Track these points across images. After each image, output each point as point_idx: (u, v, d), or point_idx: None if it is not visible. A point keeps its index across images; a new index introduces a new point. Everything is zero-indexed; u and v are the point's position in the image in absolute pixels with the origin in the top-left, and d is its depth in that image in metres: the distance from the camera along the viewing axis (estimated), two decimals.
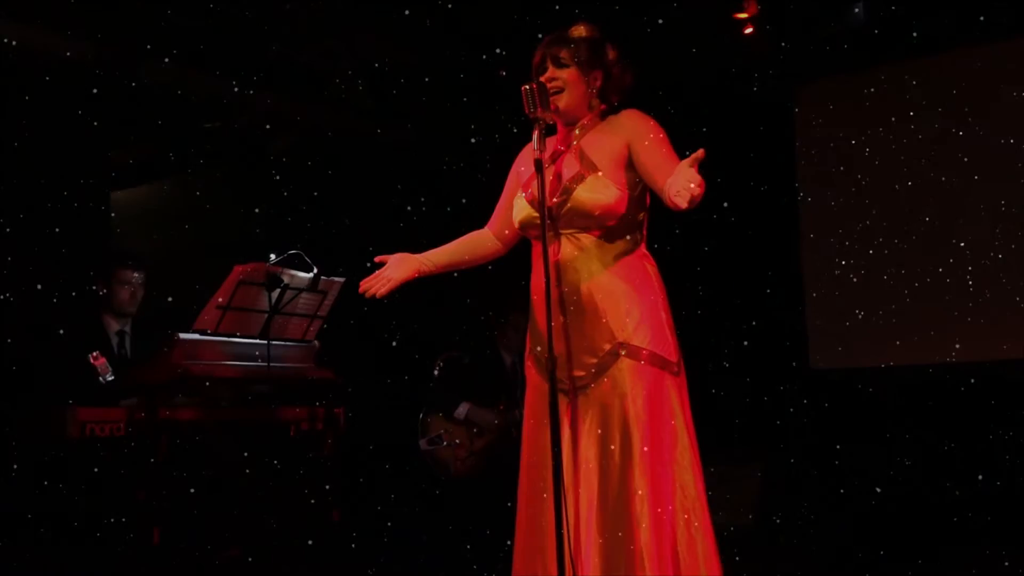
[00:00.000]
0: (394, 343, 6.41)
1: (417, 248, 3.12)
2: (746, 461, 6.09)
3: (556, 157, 2.90)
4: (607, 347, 2.74)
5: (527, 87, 2.75)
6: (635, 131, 2.82)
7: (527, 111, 2.76)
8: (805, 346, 6.58)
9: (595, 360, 2.76)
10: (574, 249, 2.80)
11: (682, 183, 2.43)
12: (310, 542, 4.43)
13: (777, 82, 6.47)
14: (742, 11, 5.68)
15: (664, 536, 2.64)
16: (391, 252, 3.06)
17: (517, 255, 3.13)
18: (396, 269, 3.00)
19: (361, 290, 3.01)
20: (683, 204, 2.44)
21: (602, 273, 2.78)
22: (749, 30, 5.81)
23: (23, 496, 3.87)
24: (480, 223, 3.19)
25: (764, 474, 6.13)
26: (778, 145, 6.63)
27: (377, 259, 3.03)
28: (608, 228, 2.79)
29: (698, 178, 2.44)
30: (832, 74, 6.48)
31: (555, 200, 2.80)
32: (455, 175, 6.75)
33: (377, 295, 2.98)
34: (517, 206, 2.93)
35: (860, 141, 6.29)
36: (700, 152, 2.49)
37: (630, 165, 2.81)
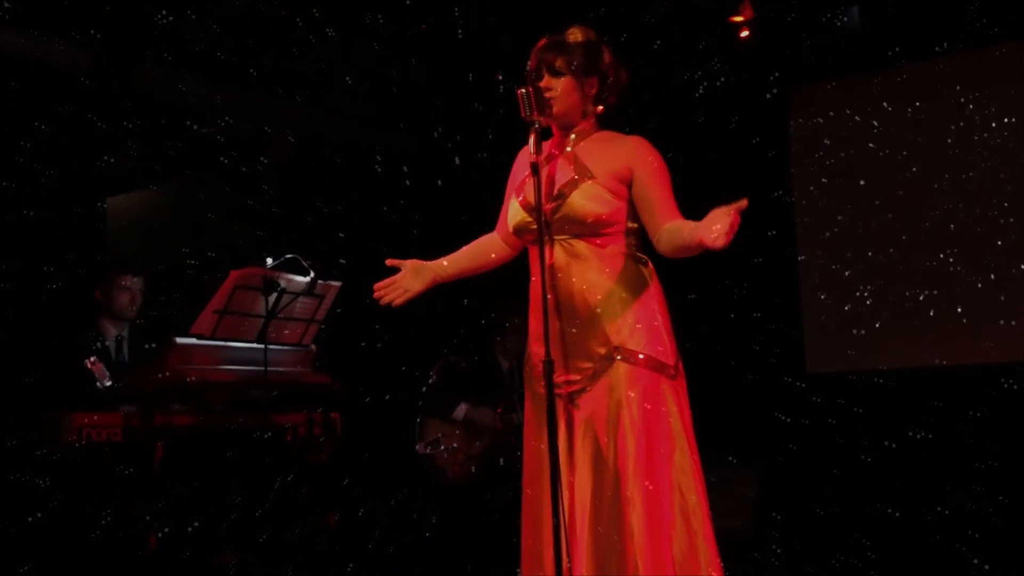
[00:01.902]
0: (387, 344, 6.41)
1: (417, 252, 3.12)
2: (743, 465, 6.09)
3: (550, 160, 2.89)
4: (602, 351, 2.74)
5: (523, 91, 2.75)
6: (642, 161, 2.81)
7: (523, 114, 2.76)
8: (802, 350, 6.59)
9: (591, 365, 2.75)
10: (567, 255, 2.80)
11: (719, 228, 2.47)
12: (307, 548, 4.42)
13: (772, 85, 6.49)
14: (737, 15, 5.70)
15: (660, 540, 2.63)
16: (386, 256, 3.05)
17: (517, 260, 3.13)
18: (414, 280, 2.99)
19: (376, 295, 2.99)
20: (719, 244, 2.47)
21: (597, 278, 2.77)
22: (744, 34, 5.83)
23: (19, 501, 3.86)
24: (477, 228, 3.19)
25: (761, 478, 6.14)
26: (773, 149, 6.64)
27: (389, 262, 3.01)
28: (601, 234, 2.79)
29: (732, 224, 2.47)
30: (827, 78, 6.49)
31: (549, 205, 2.79)
32: (451, 180, 6.74)
33: (393, 304, 2.97)
34: (511, 210, 2.94)
35: (855, 145, 6.31)
36: (744, 202, 2.50)
37: (629, 184, 2.80)
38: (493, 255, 3.12)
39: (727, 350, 6.31)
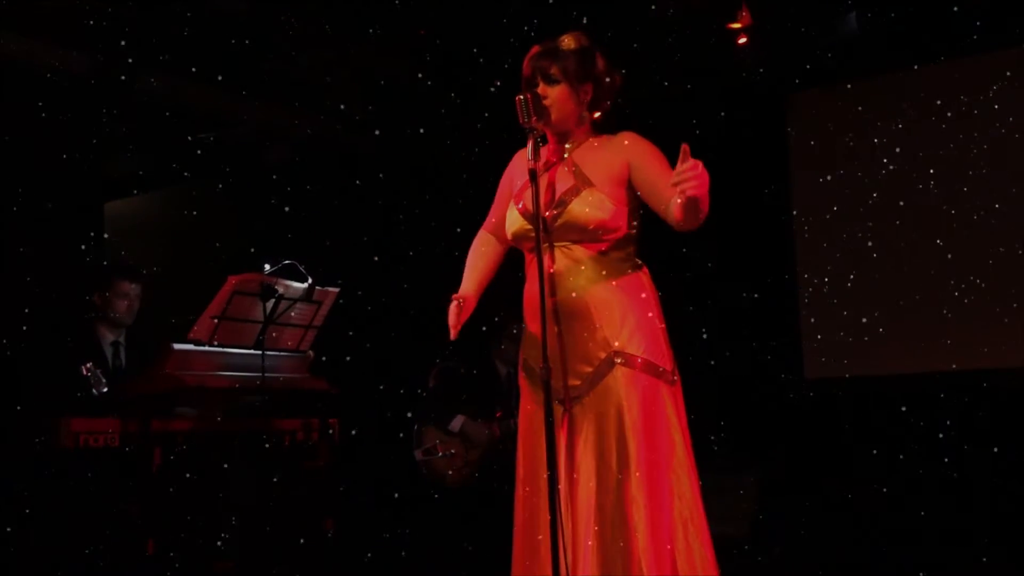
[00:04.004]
0: (384, 349, 6.41)
1: (415, 256, 3.12)
2: (741, 471, 6.09)
3: (548, 168, 2.90)
4: (602, 356, 2.75)
5: (521, 97, 2.76)
6: (636, 153, 2.82)
7: (521, 121, 2.77)
8: (800, 356, 6.58)
9: (590, 369, 2.76)
10: (567, 261, 2.81)
11: (682, 178, 2.48)
12: (304, 553, 4.42)
13: (770, 91, 6.49)
14: (736, 21, 5.70)
15: (662, 544, 2.65)
16: (385, 262, 3.07)
17: (515, 266, 3.13)
18: (454, 316, 2.98)
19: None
20: (690, 192, 2.49)
21: (596, 283, 2.78)
22: (743, 40, 5.83)
23: (16, 507, 3.85)
24: (473, 233, 3.19)
25: (759, 484, 6.13)
26: (771, 154, 6.65)
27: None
28: (601, 240, 2.80)
29: (695, 171, 2.48)
30: (825, 83, 6.50)
31: (550, 213, 2.80)
32: (449, 185, 6.75)
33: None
34: (510, 218, 2.94)
35: (853, 150, 6.31)
36: (684, 147, 2.52)
37: (629, 184, 2.81)
38: (495, 255, 3.12)
39: (725, 356, 6.30)
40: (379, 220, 6.63)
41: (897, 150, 6.13)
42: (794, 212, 6.64)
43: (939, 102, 6.02)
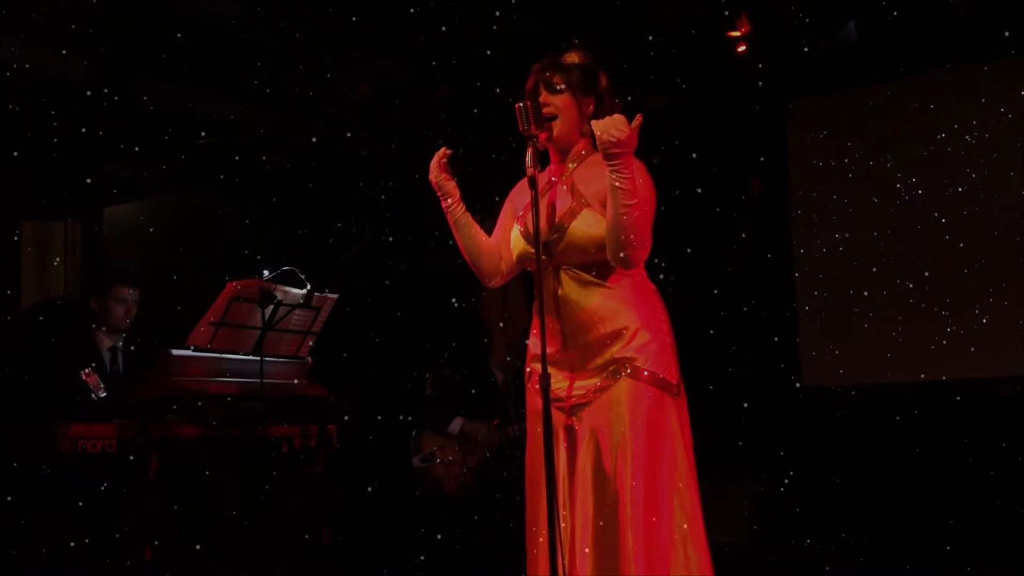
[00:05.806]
0: (382, 356, 6.40)
1: (414, 262, 3.11)
2: (739, 479, 6.09)
3: (550, 187, 2.90)
4: (609, 368, 2.76)
5: (521, 105, 2.76)
6: None
7: (521, 128, 2.77)
8: (797, 364, 6.59)
9: (597, 379, 2.77)
10: (574, 283, 2.81)
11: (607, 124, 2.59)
12: (302, 560, 4.41)
13: (769, 100, 6.50)
14: (735, 29, 5.71)
15: (658, 557, 2.65)
16: (384, 267, 3.06)
17: (522, 275, 3.12)
18: (444, 172, 3.08)
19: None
20: (598, 132, 2.59)
21: (604, 300, 2.78)
22: (742, 48, 5.85)
23: (13, 512, 3.85)
24: None
25: (757, 493, 6.13)
26: (770, 162, 6.65)
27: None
28: (605, 259, 2.77)
29: (621, 123, 2.58)
30: (824, 92, 6.51)
31: (551, 237, 2.80)
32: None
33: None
34: (513, 239, 2.94)
35: (852, 159, 6.32)
36: (638, 117, 2.61)
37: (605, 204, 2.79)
38: (485, 254, 3.03)
39: (723, 363, 6.30)
40: (377, 226, 6.63)
41: (896, 158, 6.15)
42: (792, 219, 6.64)
43: (939, 109, 6.04)
